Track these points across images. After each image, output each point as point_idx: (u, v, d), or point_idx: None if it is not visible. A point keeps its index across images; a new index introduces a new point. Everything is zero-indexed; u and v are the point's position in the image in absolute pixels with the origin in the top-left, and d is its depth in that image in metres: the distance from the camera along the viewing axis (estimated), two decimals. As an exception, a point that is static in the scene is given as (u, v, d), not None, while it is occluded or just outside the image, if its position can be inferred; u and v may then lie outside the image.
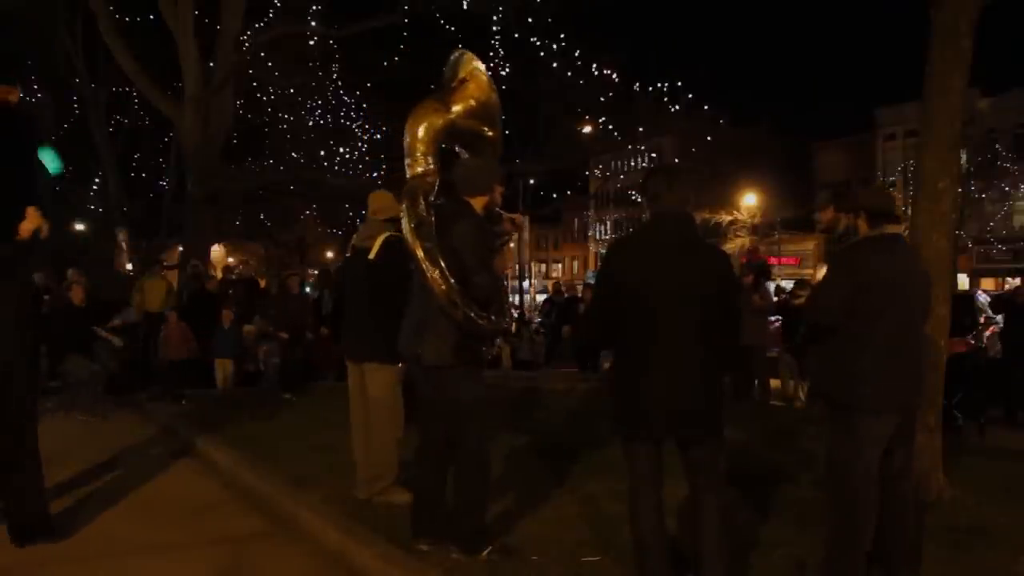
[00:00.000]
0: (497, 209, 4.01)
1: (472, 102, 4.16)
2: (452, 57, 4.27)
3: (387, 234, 4.60)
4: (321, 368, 10.40)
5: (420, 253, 3.61)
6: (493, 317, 3.73)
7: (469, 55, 4.27)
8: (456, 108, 4.11)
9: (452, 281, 3.56)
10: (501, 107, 4.36)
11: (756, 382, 9.24)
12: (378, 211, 4.77)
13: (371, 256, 4.58)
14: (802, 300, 7.41)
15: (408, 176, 3.88)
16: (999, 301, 10.44)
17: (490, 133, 4.30)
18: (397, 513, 4.13)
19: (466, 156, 4.31)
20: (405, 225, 3.72)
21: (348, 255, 4.91)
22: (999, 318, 11.55)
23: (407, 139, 3.94)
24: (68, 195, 19.47)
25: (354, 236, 4.98)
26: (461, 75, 4.18)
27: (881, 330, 3.19)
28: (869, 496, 3.19)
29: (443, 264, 3.58)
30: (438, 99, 4.12)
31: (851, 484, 3.20)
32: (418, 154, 3.89)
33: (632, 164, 42.89)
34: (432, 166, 3.91)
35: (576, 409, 7.78)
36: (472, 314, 3.58)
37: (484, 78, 4.25)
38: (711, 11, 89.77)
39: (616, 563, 3.52)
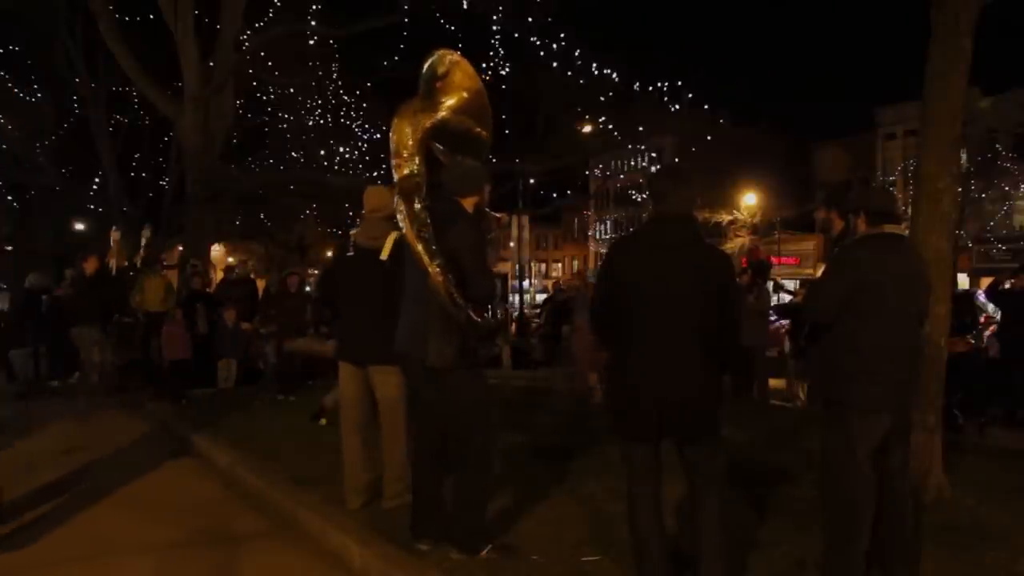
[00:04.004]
0: (484, 208, 4.00)
1: (464, 94, 4.06)
2: (427, 62, 4.08)
3: (396, 234, 4.41)
4: (321, 368, 10.39)
5: (423, 254, 3.60)
6: (492, 316, 3.73)
7: (442, 52, 4.11)
8: (449, 103, 4.01)
9: (452, 281, 3.56)
10: (488, 100, 4.23)
11: (756, 382, 9.23)
12: (378, 209, 4.61)
13: (384, 256, 4.43)
14: (799, 299, 7.41)
15: (396, 177, 3.83)
16: (994, 290, 10.31)
17: (481, 131, 4.20)
18: (397, 513, 4.13)
19: (452, 156, 4.19)
20: (405, 225, 3.69)
21: (350, 254, 4.75)
22: (997, 316, 11.47)
23: (393, 139, 3.88)
24: (68, 195, 19.46)
25: (355, 234, 4.82)
26: (441, 71, 4.05)
27: (875, 329, 3.19)
28: (864, 494, 3.19)
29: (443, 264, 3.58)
30: (425, 99, 4.02)
31: (845, 483, 3.20)
32: (405, 154, 3.84)
33: (632, 164, 42.88)
34: (420, 167, 3.87)
35: (576, 409, 7.77)
36: (472, 314, 3.58)
37: (468, 67, 4.13)
38: (711, 10, 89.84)
39: (616, 563, 3.52)
